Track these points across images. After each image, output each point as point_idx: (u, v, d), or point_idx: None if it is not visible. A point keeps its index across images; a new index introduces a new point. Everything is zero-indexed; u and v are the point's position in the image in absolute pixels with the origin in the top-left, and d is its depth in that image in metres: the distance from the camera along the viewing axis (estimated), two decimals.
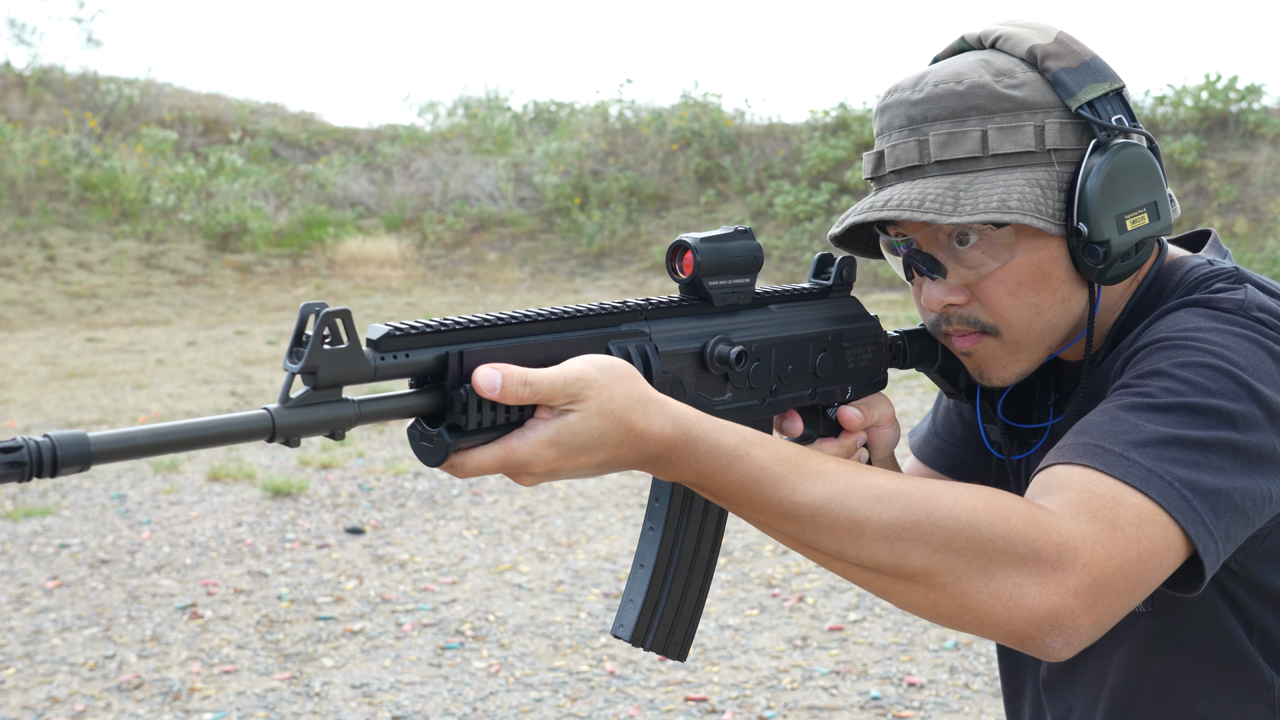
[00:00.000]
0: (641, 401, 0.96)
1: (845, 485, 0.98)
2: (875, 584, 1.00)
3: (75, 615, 4.60)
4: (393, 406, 0.94)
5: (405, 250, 16.45)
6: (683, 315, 1.13)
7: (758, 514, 1.00)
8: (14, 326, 12.82)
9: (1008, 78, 1.17)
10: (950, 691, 3.82)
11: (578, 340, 1.03)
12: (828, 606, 4.57)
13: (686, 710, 3.74)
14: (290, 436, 0.88)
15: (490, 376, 0.92)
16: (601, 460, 0.96)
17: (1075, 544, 0.97)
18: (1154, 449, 1.02)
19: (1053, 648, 0.97)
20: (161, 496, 6.21)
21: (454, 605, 4.68)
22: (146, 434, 0.82)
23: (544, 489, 6.30)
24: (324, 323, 0.88)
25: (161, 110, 18.78)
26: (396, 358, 0.93)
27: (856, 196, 15.84)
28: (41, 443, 0.78)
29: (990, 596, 0.96)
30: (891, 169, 1.21)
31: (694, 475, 0.99)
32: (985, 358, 1.23)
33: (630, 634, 1.17)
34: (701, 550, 1.20)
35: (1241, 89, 15.06)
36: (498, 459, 0.94)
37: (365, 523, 5.78)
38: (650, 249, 16.17)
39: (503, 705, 3.81)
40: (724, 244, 1.15)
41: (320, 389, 0.89)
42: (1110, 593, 0.97)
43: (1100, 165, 1.14)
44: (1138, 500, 1.00)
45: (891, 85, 1.24)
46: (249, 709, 3.80)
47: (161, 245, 15.78)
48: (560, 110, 20.36)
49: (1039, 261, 1.17)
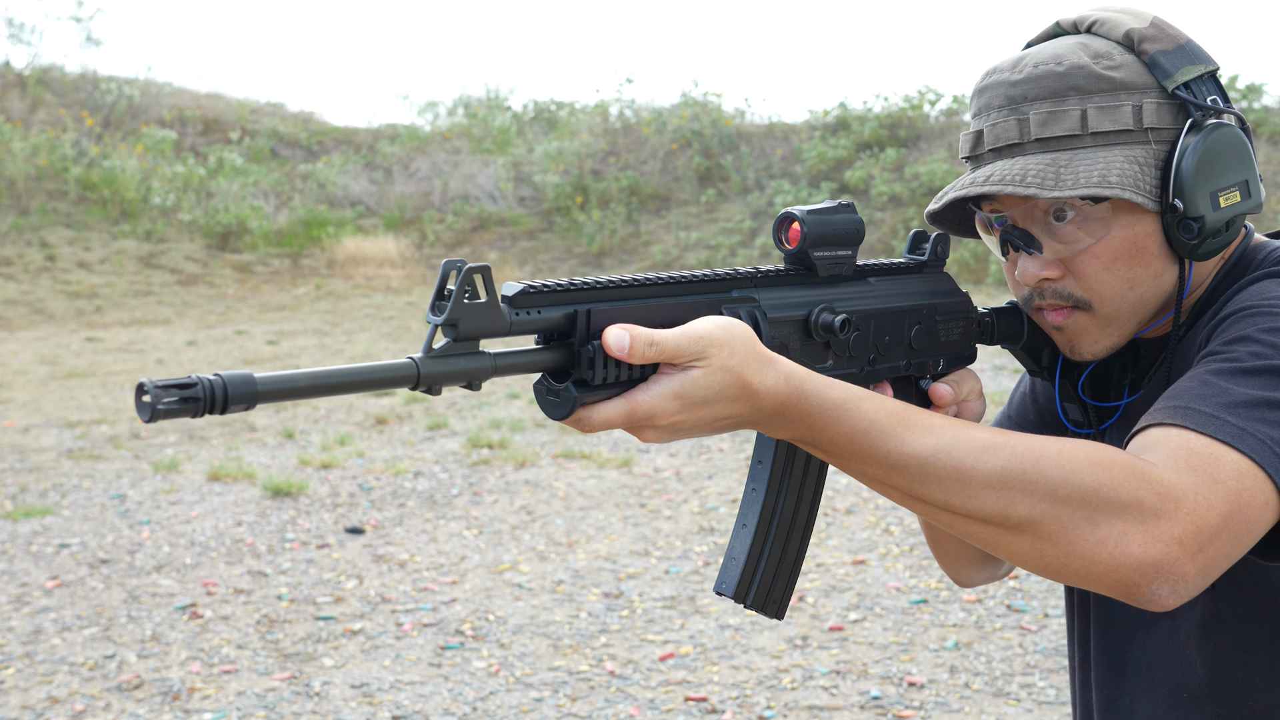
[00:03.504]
0: (758, 359, 0.99)
1: (951, 437, 1.01)
2: (982, 535, 1.02)
3: (75, 615, 4.60)
4: (525, 360, 0.98)
5: (405, 250, 16.45)
6: (789, 284, 1.17)
7: (866, 466, 1.02)
8: (14, 326, 12.82)
9: (1106, 59, 1.21)
10: (950, 691, 3.82)
11: (694, 304, 1.07)
12: (828, 606, 4.56)
13: (686, 710, 3.74)
14: (433, 385, 0.93)
15: (620, 336, 0.96)
16: (719, 414, 0.99)
17: (1178, 493, 0.99)
18: (1245, 410, 1.04)
19: (1159, 595, 0.99)
20: (161, 496, 6.21)
21: (454, 605, 4.68)
22: (307, 376, 0.88)
23: (544, 488, 6.30)
24: (465, 278, 0.93)
25: (161, 110, 18.78)
26: (530, 314, 0.97)
27: (856, 196, 15.84)
28: (214, 381, 0.83)
29: (1096, 544, 0.98)
30: (991, 147, 1.24)
31: (805, 430, 1.02)
32: (1077, 332, 1.26)
33: (734, 591, 1.20)
34: (800, 511, 1.23)
35: (1242, 88, 15.07)
36: (623, 412, 0.97)
37: (365, 522, 5.78)
38: (650, 248, 16.17)
39: (503, 705, 3.81)
40: (829, 216, 1.19)
41: (460, 340, 0.94)
42: (1214, 542, 0.99)
43: (1195, 144, 1.18)
44: (1234, 456, 1.02)
45: (989, 68, 1.27)
46: (249, 709, 3.79)
47: (161, 245, 15.78)
48: (560, 110, 20.36)
49: (1134, 237, 1.20)
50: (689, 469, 6.65)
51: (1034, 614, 4.42)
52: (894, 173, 15.87)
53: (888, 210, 15.49)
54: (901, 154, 16.07)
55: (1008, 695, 3.79)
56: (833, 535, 5.41)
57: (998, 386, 8.14)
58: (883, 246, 14.97)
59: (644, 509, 5.91)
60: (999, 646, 4.15)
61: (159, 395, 0.81)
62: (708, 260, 15.52)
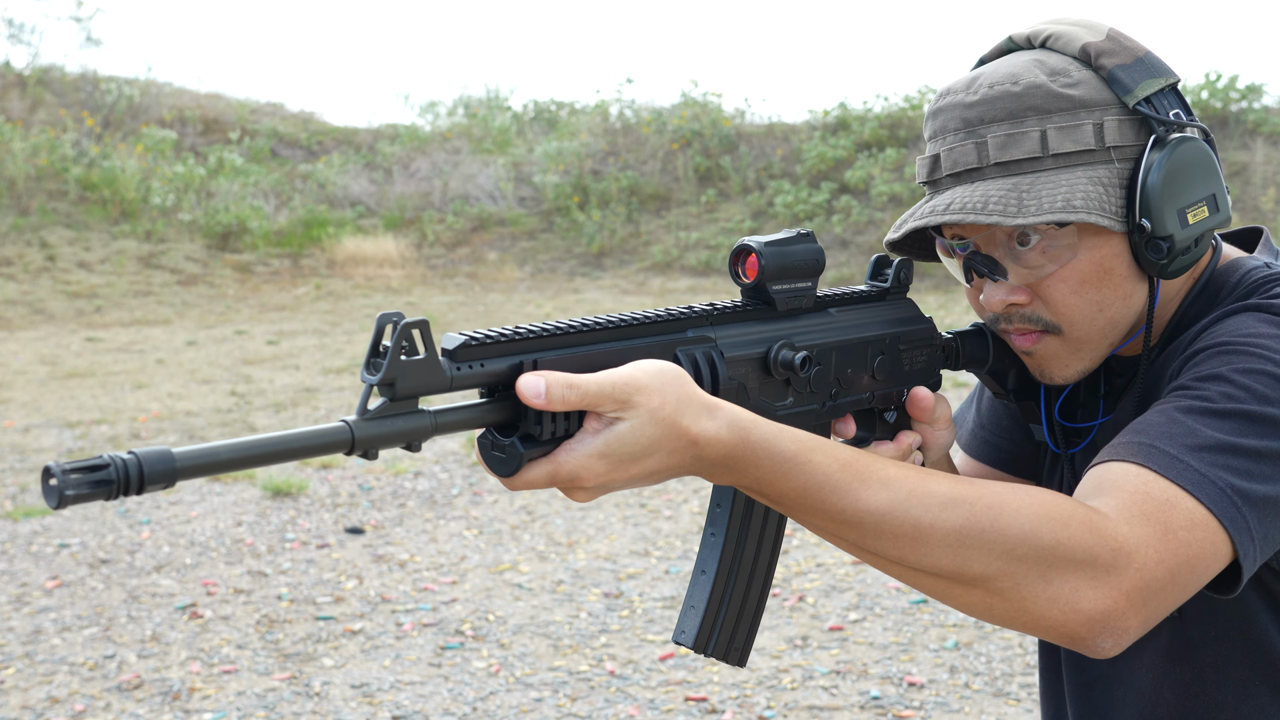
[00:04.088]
0: (694, 405, 0.94)
1: (908, 492, 0.97)
2: (933, 587, 1.01)
3: (75, 615, 4.60)
4: (468, 417, 0.93)
5: (405, 250, 16.45)
6: (746, 320, 1.13)
7: (818, 520, 0.99)
8: (14, 326, 12.82)
9: (1063, 76, 1.17)
10: (950, 691, 3.82)
11: (646, 347, 1.03)
12: (828, 606, 4.56)
13: (686, 710, 3.74)
14: (369, 449, 0.88)
15: (533, 384, 0.90)
16: (655, 468, 0.94)
17: (1130, 548, 0.98)
18: (1209, 454, 1.03)
19: (1103, 647, 0.99)
20: (161, 496, 6.20)
21: (454, 605, 4.68)
22: (229, 449, 0.82)
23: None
24: (402, 334, 0.87)
25: (161, 110, 18.77)
26: (472, 367, 0.92)
27: (856, 196, 15.86)
28: (128, 459, 0.78)
29: (1048, 601, 0.98)
30: (949, 172, 1.20)
31: (752, 481, 0.97)
32: (1047, 356, 1.24)
33: (693, 641, 1.16)
34: (762, 555, 1.19)
35: (1241, 88, 15.07)
36: (546, 474, 0.92)
37: (365, 522, 5.78)
38: (650, 249, 16.17)
39: (503, 705, 3.81)
40: (787, 248, 1.15)
41: (398, 400, 0.88)
42: (1159, 594, 0.99)
43: (1160, 161, 1.15)
44: (1190, 504, 1.01)
45: (943, 88, 1.23)
46: (249, 709, 3.79)
47: (161, 245, 15.78)
48: (560, 110, 20.36)
49: (1101, 259, 1.18)
50: None
51: None
52: (894, 173, 15.87)
53: (888, 210, 15.48)
54: (901, 154, 16.06)
55: (1008, 695, 3.79)
56: None
57: None
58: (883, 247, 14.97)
59: (644, 509, 5.91)
60: (999, 646, 4.15)
61: (67, 480, 0.75)
62: (708, 260, 15.53)
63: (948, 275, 11.64)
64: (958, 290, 12.78)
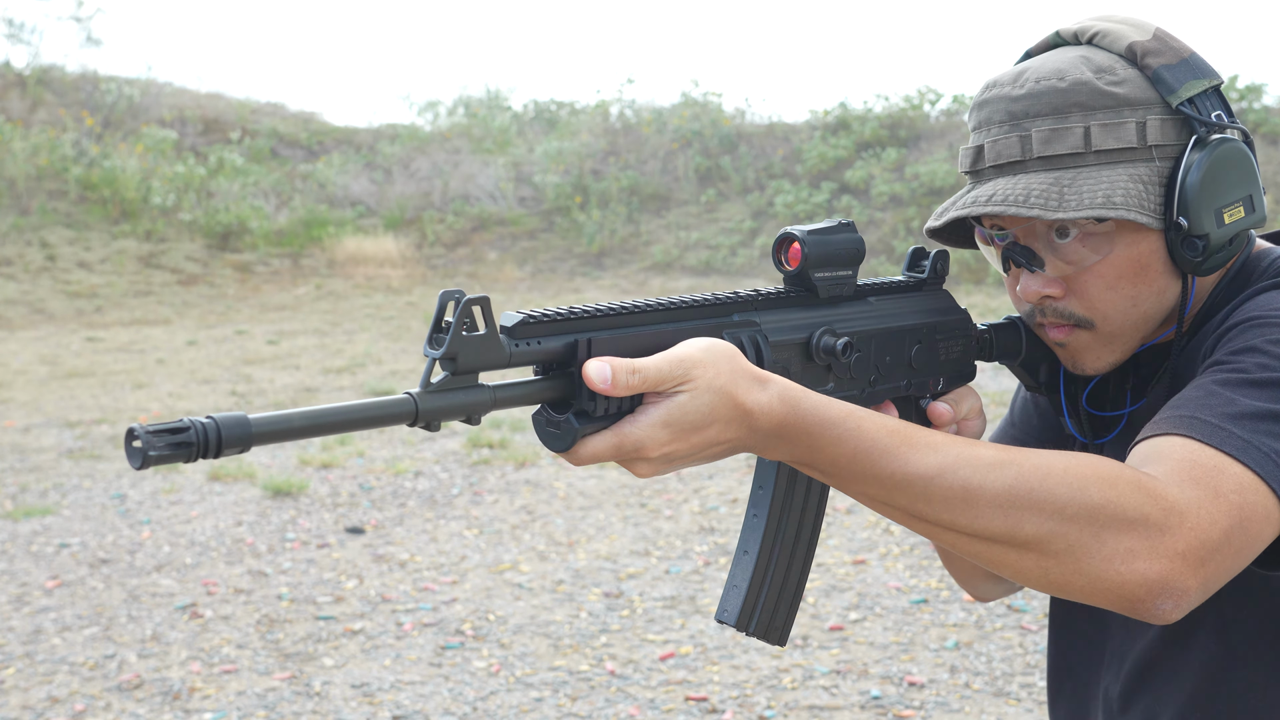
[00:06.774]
0: (746, 377, 0.97)
1: (956, 455, 0.99)
2: (986, 553, 1.01)
3: (75, 615, 4.60)
4: (525, 392, 0.96)
5: (405, 250, 16.45)
6: (789, 306, 1.16)
7: (868, 487, 1.00)
8: (14, 326, 12.82)
9: (1109, 74, 1.19)
10: (950, 691, 3.82)
11: (694, 329, 1.06)
12: (828, 606, 4.56)
13: (687, 710, 3.74)
14: (431, 420, 0.91)
15: (600, 369, 0.93)
16: (713, 439, 0.96)
17: (1182, 508, 0.98)
18: (1249, 422, 1.04)
19: (1162, 610, 0.99)
20: (161, 496, 6.21)
21: (454, 605, 4.68)
22: (303, 416, 0.86)
23: (544, 488, 6.29)
24: (464, 310, 0.91)
25: (161, 110, 18.77)
26: (529, 344, 0.96)
27: (857, 196, 15.86)
28: (208, 424, 0.81)
29: (1103, 561, 0.98)
30: (992, 163, 1.23)
31: (804, 450, 0.99)
32: (1079, 349, 1.26)
33: (735, 619, 1.19)
34: (802, 537, 1.22)
35: (1241, 89, 15.06)
36: (611, 445, 0.95)
37: (365, 522, 5.78)
38: (650, 248, 16.17)
39: (503, 705, 3.81)
40: (830, 236, 1.17)
41: (459, 374, 0.92)
42: (1216, 555, 0.99)
43: (1200, 161, 1.16)
44: (1238, 470, 1.02)
45: (989, 80, 1.25)
46: (249, 709, 3.79)
47: (161, 245, 15.78)
48: (561, 110, 20.36)
49: (1138, 255, 1.20)
50: (689, 469, 6.65)
51: (1034, 614, 4.41)
52: (894, 173, 15.87)
53: (888, 210, 15.48)
54: (902, 154, 16.07)
55: (1008, 695, 3.79)
56: (833, 535, 5.41)
57: (999, 387, 8.14)
58: (883, 247, 14.97)
59: (644, 509, 5.91)
60: (999, 646, 4.15)
61: (150, 441, 0.79)
62: (708, 260, 15.52)
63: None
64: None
